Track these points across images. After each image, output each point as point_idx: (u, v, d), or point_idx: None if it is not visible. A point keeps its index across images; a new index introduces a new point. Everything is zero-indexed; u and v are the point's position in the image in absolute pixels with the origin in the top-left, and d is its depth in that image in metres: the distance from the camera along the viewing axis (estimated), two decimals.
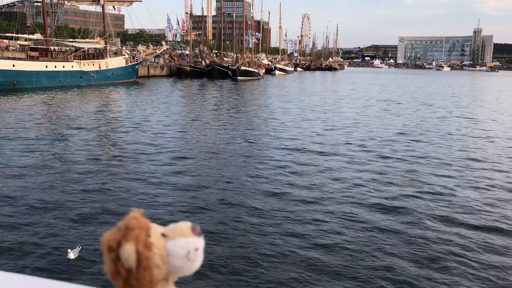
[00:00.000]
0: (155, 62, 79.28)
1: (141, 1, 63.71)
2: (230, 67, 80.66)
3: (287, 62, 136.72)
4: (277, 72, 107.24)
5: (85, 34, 64.35)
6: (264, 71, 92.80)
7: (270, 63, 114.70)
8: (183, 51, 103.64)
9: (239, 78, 74.47)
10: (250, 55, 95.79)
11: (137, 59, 64.78)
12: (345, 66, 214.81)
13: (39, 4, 58.80)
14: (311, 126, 26.41)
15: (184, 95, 46.59)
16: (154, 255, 0.93)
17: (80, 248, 8.53)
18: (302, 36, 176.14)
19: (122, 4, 63.98)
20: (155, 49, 75.11)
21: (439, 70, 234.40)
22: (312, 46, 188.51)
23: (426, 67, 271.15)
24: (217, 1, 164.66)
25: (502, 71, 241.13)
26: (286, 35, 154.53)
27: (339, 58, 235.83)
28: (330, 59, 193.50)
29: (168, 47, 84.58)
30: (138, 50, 72.72)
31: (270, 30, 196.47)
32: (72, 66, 51.85)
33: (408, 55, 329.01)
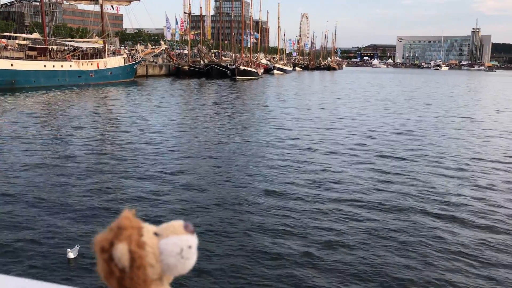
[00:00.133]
0: (153, 61, 79.23)
1: (139, 0, 63.77)
2: (229, 66, 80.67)
3: (285, 61, 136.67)
4: (275, 71, 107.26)
5: (83, 34, 64.31)
6: (262, 70, 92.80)
7: (268, 62, 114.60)
8: (181, 50, 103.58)
9: (237, 77, 74.49)
10: (249, 55, 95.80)
11: (135, 59, 64.71)
12: (343, 66, 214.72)
13: (38, 3, 58.77)
14: (310, 125, 26.45)
15: (182, 95, 46.59)
16: (147, 254, 0.92)
17: (79, 247, 8.56)
18: (300, 35, 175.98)
19: (121, 4, 63.92)
20: (153, 48, 75.04)
21: (437, 69, 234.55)
22: (311, 45, 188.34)
23: (425, 66, 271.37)
24: (215, 0, 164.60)
25: (499, 71, 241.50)
26: (284, 35, 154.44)
27: (337, 58, 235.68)
28: (329, 59, 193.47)
29: (166, 46, 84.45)
30: (136, 50, 72.56)
31: (268, 29, 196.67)
32: (71, 66, 51.80)
33: (407, 55, 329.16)
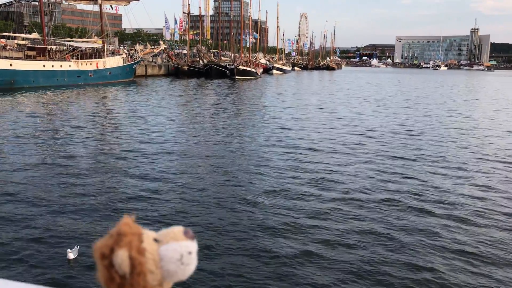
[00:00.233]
0: (152, 61, 79.21)
1: (138, 0, 63.72)
2: (228, 66, 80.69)
3: (284, 61, 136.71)
4: (274, 71, 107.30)
5: (82, 34, 64.26)
6: (261, 70, 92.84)
7: (267, 62, 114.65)
8: (181, 50, 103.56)
9: (236, 77, 74.52)
10: (248, 55, 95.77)
11: (134, 59, 64.70)
12: (342, 66, 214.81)
13: (37, 3, 58.67)
14: (309, 125, 26.49)
15: (181, 95, 46.59)
16: (147, 261, 0.92)
17: (79, 248, 8.59)
18: (299, 35, 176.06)
19: (120, 4, 63.85)
20: (152, 48, 75.06)
21: (436, 69, 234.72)
22: (310, 45, 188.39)
23: (424, 66, 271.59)
24: (214, 0, 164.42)
25: (498, 71, 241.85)
26: (283, 35, 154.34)
27: (336, 58, 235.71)
28: (328, 59, 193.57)
29: (165, 46, 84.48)
30: (135, 50, 72.58)
31: (267, 29, 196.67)
32: (70, 66, 51.78)
33: (406, 55, 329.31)
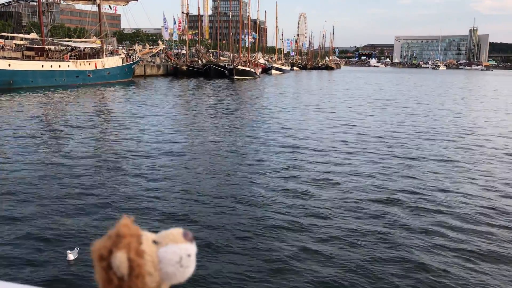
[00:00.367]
0: (151, 61, 79.17)
1: (137, 0, 63.67)
2: (227, 66, 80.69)
3: (283, 61, 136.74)
4: (273, 71, 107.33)
5: (81, 34, 64.18)
6: (260, 70, 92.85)
7: (266, 62, 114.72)
8: (179, 50, 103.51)
9: (235, 77, 74.52)
10: (247, 55, 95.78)
11: (133, 59, 64.65)
12: (341, 66, 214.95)
13: (35, 3, 58.61)
14: (308, 124, 26.45)
15: (180, 95, 46.55)
16: (146, 263, 0.91)
17: (78, 249, 8.54)
18: (298, 35, 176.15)
19: (118, 4, 63.81)
20: (151, 48, 75.01)
21: (435, 69, 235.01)
22: (309, 45, 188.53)
23: (422, 66, 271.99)
24: (213, 0, 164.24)
25: (496, 70, 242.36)
26: (282, 35, 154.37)
27: (335, 58, 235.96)
28: (327, 59, 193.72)
29: (164, 46, 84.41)
30: (134, 50, 72.53)
31: (266, 29, 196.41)
32: (68, 66, 51.70)
33: (404, 54, 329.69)
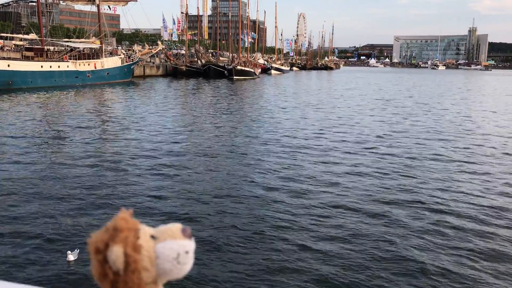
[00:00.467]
0: (150, 62, 79.16)
1: (136, 0, 63.65)
2: (226, 66, 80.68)
3: (283, 61, 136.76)
4: (273, 71, 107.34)
5: (80, 34, 64.17)
6: (260, 70, 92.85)
7: (266, 62, 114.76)
8: (179, 50, 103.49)
9: (235, 77, 74.50)
10: (246, 55, 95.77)
11: (132, 59, 64.63)
12: (340, 66, 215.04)
13: (34, 4, 58.64)
14: (308, 124, 26.45)
15: (180, 95, 46.54)
16: (143, 258, 0.89)
17: (79, 250, 8.54)
18: (298, 35, 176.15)
19: (118, 4, 63.78)
20: (150, 48, 74.99)
21: (434, 69, 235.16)
22: (308, 45, 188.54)
23: (422, 66, 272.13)
24: (212, 0, 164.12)
25: (495, 70, 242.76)
26: (282, 35, 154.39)
27: (334, 58, 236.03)
28: (326, 59, 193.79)
29: (163, 46, 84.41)
30: (133, 50, 72.53)
31: (265, 29, 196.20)
32: (68, 66, 51.67)
33: (404, 54, 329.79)
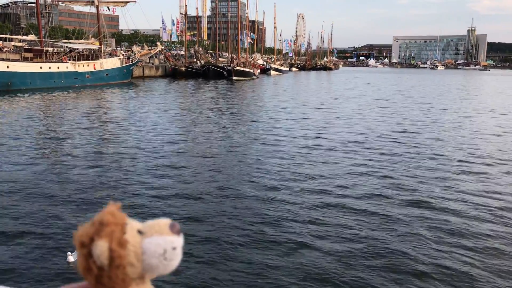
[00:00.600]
0: (150, 62, 79.20)
1: (135, 1, 63.71)
2: (225, 67, 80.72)
3: (282, 62, 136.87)
4: (272, 72, 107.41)
5: (79, 35, 64.25)
6: (259, 71, 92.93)
7: (265, 63, 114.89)
8: (178, 51, 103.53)
9: (234, 78, 74.53)
10: (245, 55, 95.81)
11: (132, 60, 64.67)
12: (340, 66, 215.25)
13: (33, 5, 58.54)
14: (307, 124, 26.45)
15: (179, 96, 46.54)
16: (128, 253, 0.86)
17: None
18: (297, 36, 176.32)
19: (117, 5, 63.85)
20: (150, 49, 75.04)
21: (433, 69, 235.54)
22: (307, 46, 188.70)
23: (421, 66, 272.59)
24: (211, 1, 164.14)
25: (494, 70, 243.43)
26: (281, 35, 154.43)
27: (334, 58, 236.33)
28: (325, 59, 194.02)
29: (163, 47, 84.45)
30: (133, 51, 72.58)
31: (265, 30, 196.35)
32: (67, 67, 51.67)
33: (403, 55, 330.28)
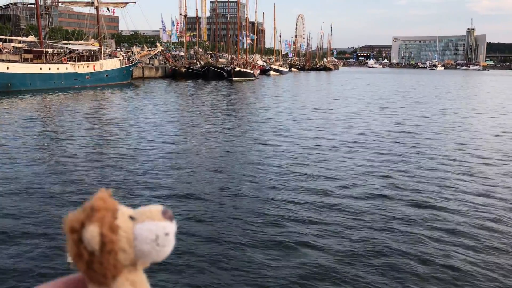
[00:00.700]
0: (149, 63, 79.24)
1: (135, 2, 63.82)
2: (225, 68, 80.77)
3: (281, 62, 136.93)
4: (272, 72, 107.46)
5: (79, 36, 64.27)
6: (259, 72, 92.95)
7: (264, 63, 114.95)
8: (177, 52, 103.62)
9: (234, 79, 74.57)
10: (245, 56, 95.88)
11: (131, 61, 64.71)
12: (339, 66, 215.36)
13: (33, 6, 58.57)
14: (307, 124, 26.49)
15: (179, 96, 46.58)
16: (120, 239, 0.86)
17: None
18: (296, 36, 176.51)
19: (116, 6, 63.94)
20: (149, 50, 75.10)
21: (432, 69, 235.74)
22: (307, 46, 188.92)
23: (420, 66, 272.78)
24: (211, 2, 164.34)
25: (493, 70, 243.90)
26: (280, 36, 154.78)
27: (333, 59, 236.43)
28: (325, 60, 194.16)
29: (162, 48, 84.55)
30: (132, 52, 72.66)
31: (264, 31, 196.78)
32: (67, 68, 51.71)
33: (402, 55, 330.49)
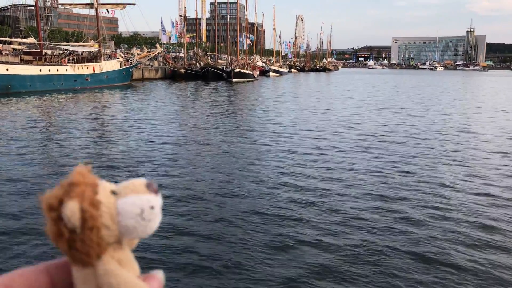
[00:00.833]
0: (149, 65, 79.25)
1: (134, 4, 63.86)
2: (225, 69, 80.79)
3: (281, 63, 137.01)
4: (271, 73, 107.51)
5: (79, 38, 64.29)
6: (258, 72, 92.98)
7: (264, 64, 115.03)
8: (177, 53, 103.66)
9: (233, 80, 74.60)
10: (245, 57, 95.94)
11: (131, 62, 64.70)
12: (339, 67, 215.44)
13: (33, 8, 58.68)
14: (307, 125, 26.46)
15: (179, 98, 46.58)
16: (102, 214, 0.83)
17: None
18: (296, 37, 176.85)
19: (116, 7, 63.98)
20: (149, 51, 75.14)
21: (432, 70, 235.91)
22: (306, 47, 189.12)
23: (420, 67, 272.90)
24: (211, 3, 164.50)
25: (493, 71, 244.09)
26: (280, 37, 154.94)
27: (333, 59, 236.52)
28: (324, 60, 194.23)
29: (162, 49, 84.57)
30: (132, 53, 72.67)
31: (264, 32, 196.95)
32: (66, 70, 51.72)
33: (402, 56, 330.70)
